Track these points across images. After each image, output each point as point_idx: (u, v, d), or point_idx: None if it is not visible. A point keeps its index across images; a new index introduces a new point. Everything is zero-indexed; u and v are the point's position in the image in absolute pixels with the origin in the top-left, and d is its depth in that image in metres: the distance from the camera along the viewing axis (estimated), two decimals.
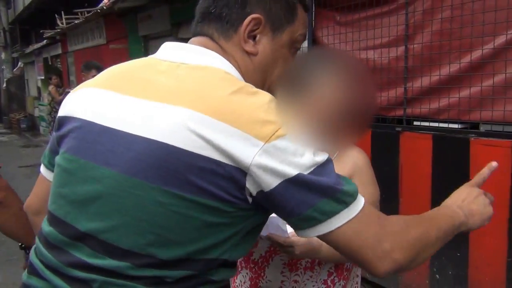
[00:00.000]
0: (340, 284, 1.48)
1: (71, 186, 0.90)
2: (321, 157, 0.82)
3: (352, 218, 0.82)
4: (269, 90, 0.96)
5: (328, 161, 0.83)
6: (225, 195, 0.81)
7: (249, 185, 0.80)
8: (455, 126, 2.78)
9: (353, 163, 1.41)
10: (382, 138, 3.12)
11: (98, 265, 0.85)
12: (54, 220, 0.93)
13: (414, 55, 2.97)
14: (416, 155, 2.94)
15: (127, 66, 0.99)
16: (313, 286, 1.46)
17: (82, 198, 0.88)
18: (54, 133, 0.99)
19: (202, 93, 0.84)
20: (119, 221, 0.84)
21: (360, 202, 0.84)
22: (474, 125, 2.74)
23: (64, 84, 10.47)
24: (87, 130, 0.89)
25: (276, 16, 0.97)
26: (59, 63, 13.53)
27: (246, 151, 0.78)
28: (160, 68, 0.92)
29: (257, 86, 0.89)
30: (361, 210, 0.83)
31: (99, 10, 7.55)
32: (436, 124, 2.88)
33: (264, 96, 0.84)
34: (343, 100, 1.10)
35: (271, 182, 0.80)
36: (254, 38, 0.96)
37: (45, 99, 11.56)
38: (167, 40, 1.03)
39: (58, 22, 10.45)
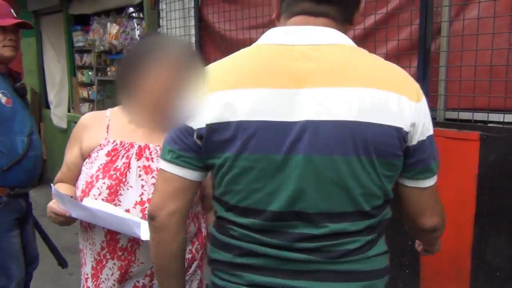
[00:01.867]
0: (200, 252, 1.63)
1: (264, 180, 0.99)
2: None
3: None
4: None
5: None
6: (399, 152, 1.00)
7: (408, 140, 1.00)
8: None
9: None
10: None
11: (323, 233, 1.01)
12: (252, 212, 1.03)
13: None
14: None
15: (256, 61, 1.01)
16: None
17: (277, 187, 0.99)
18: (198, 140, 1.02)
19: (370, 70, 0.99)
20: (325, 195, 0.98)
21: None
22: None
23: None
24: (257, 129, 0.96)
25: None
26: None
27: (410, 112, 0.98)
28: (306, 53, 0.98)
29: None
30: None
31: None
32: None
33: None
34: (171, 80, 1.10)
35: (424, 133, 1.01)
36: None
37: None
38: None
39: None
